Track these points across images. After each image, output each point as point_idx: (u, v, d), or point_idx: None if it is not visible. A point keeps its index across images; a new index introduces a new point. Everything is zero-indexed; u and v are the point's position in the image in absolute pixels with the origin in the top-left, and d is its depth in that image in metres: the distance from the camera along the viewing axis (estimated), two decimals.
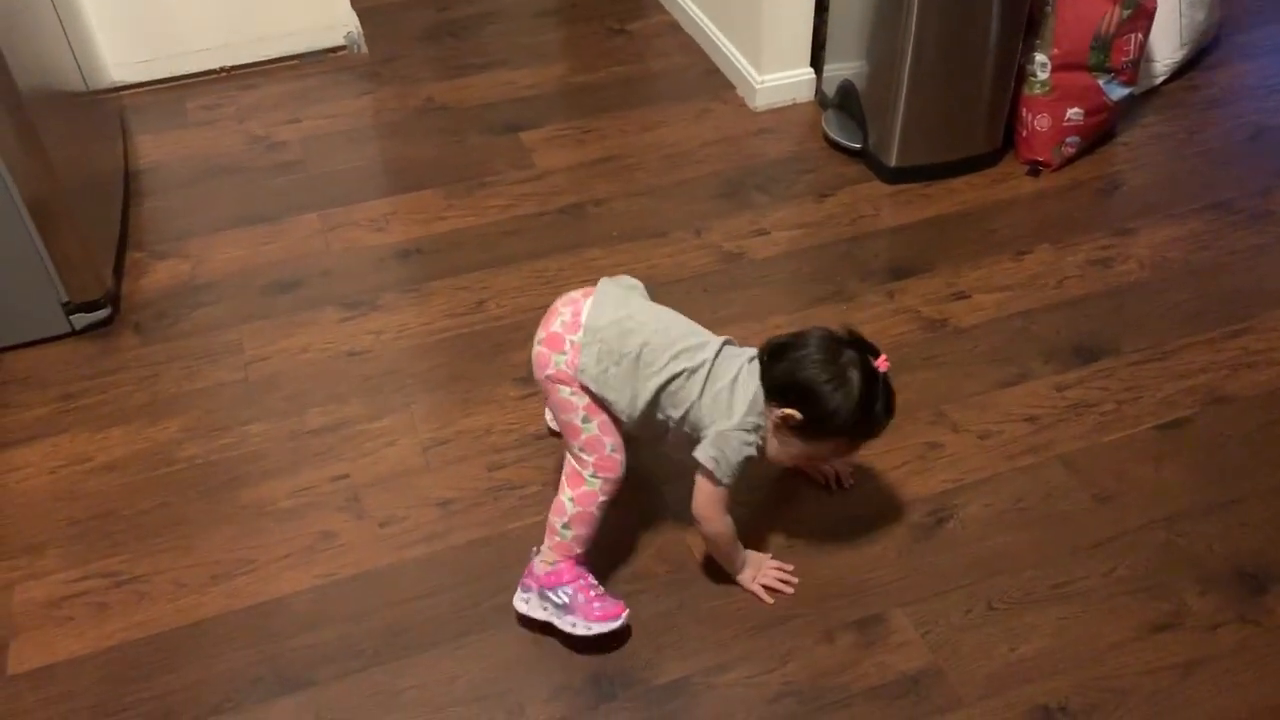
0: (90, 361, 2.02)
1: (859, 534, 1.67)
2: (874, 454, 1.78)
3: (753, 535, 1.65)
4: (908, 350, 1.98)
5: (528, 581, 1.54)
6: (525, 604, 1.53)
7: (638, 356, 1.48)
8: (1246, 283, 2.11)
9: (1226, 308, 2.05)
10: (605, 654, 1.52)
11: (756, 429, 1.48)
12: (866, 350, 1.46)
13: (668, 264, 2.20)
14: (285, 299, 2.14)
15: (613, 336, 1.49)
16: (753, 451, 1.48)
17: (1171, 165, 2.43)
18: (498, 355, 2.00)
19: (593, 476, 1.50)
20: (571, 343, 1.49)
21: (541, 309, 2.07)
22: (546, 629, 1.53)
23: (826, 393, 1.43)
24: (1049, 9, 2.28)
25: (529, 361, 1.56)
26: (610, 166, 2.48)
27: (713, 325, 2.02)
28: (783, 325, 2.04)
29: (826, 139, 2.54)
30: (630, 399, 1.48)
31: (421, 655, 1.53)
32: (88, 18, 2.62)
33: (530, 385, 1.91)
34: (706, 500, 1.51)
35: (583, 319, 1.50)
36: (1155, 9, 2.31)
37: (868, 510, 1.70)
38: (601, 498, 1.51)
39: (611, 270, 2.17)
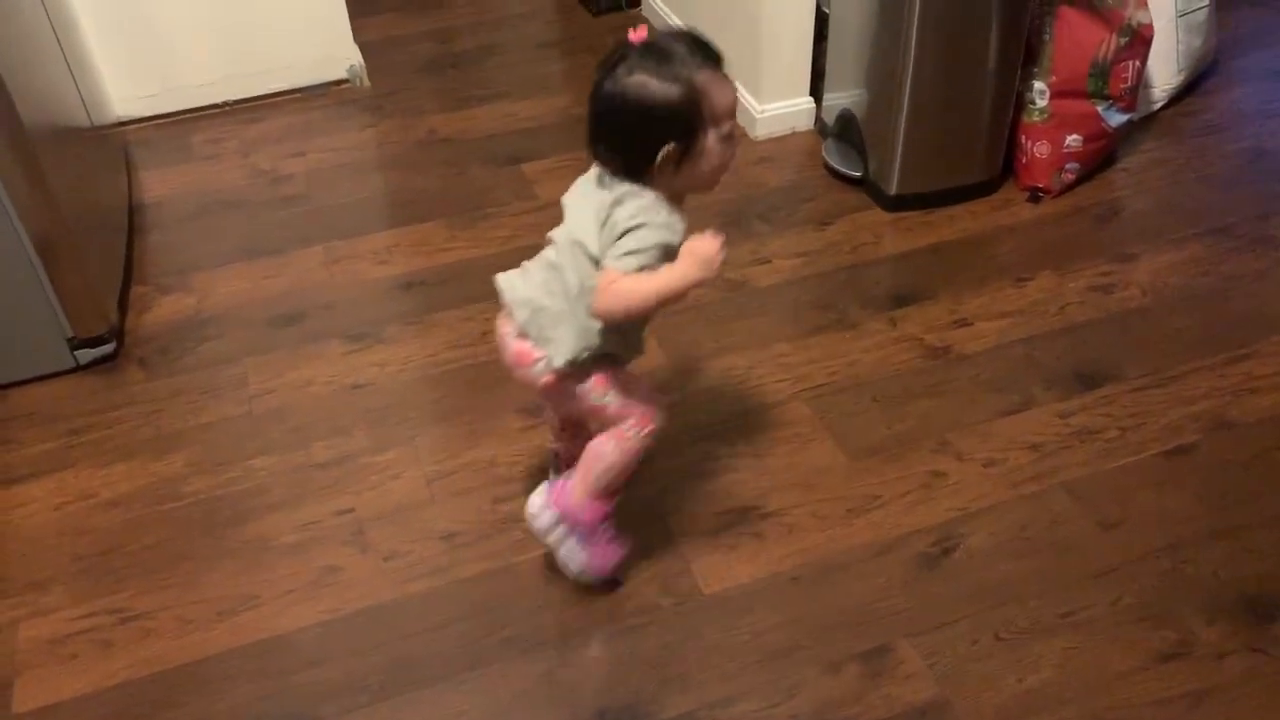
0: (95, 396, 2.03)
1: (864, 564, 1.67)
2: (879, 483, 1.78)
3: (758, 565, 1.65)
4: (911, 379, 1.98)
5: (555, 501, 1.52)
6: (538, 519, 1.54)
7: (565, 303, 1.40)
8: (1248, 308, 2.11)
9: (1229, 333, 2.05)
10: (612, 688, 1.51)
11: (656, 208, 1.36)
12: (616, 56, 1.36)
13: None
14: (289, 332, 2.15)
15: (541, 312, 1.42)
16: (669, 234, 1.36)
17: (1171, 191, 2.44)
18: (501, 387, 2.00)
19: (638, 434, 1.48)
20: (529, 349, 1.44)
21: None
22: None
23: (654, 102, 1.31)
24: (1047, 37, 2.30)
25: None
26: None
27: (716, 354, 2.06)
28: (786, 353, 2.05)
29: (826, 167, 2.55)
30: (599, 333, 1.41)
31: (427, 690, 1.52)
32: (92, 53, 2.65)
33: (534, 416, 1.92)
34: (606, 295, 1.34)
35: (515, 323, 1.45)
36: (1152, 36, 2.32)
37: (872, 540, 1.70)
38: (645, 447, 1.49)
39: None
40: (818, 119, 2.70)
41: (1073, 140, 2.37)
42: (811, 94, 2.69)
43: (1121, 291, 2.17)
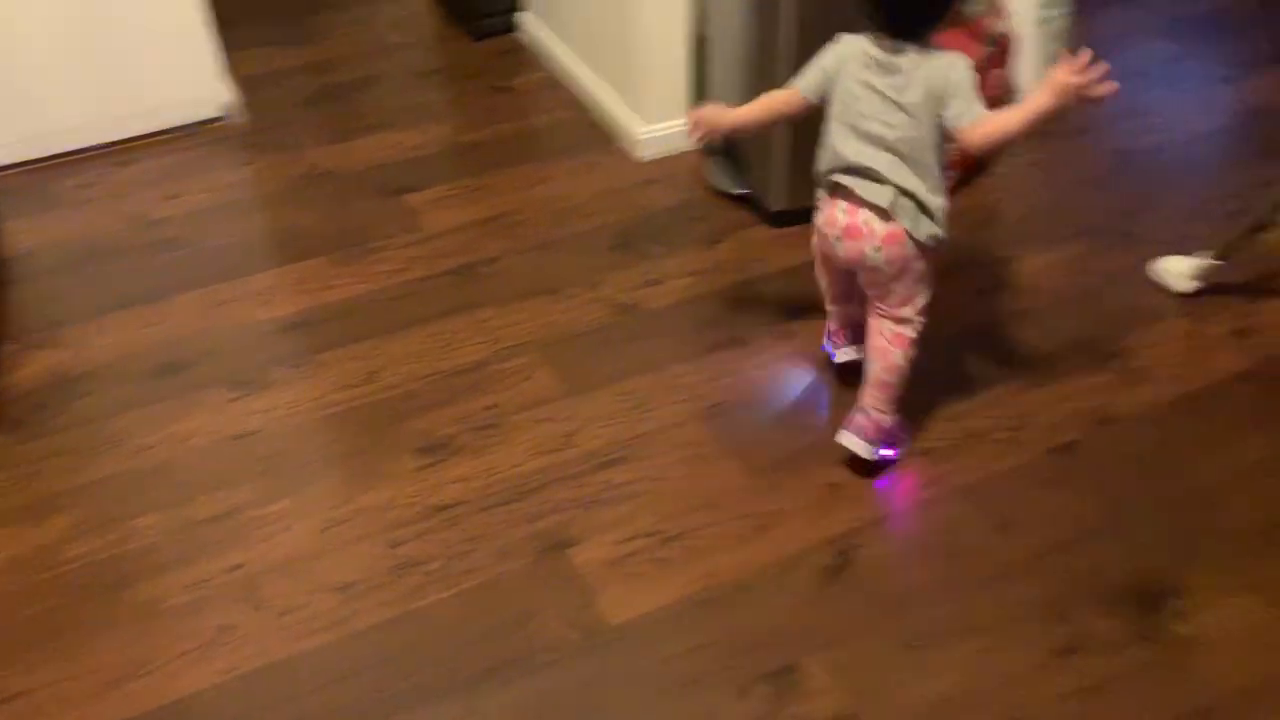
0: None
1: (769, 583, 1.67)
2: (780, 498, 1.79)
3: (664, 592, 1.64)
4: (807, 392, 2.00)
5: (867, 431, 1.79)
6: (859, 447, 1.79)
7: (930, 179, 1.64)
8: (1121, 303, 2.19)
9: (1104, 329, 2.12)
10: None
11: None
12: None
13: (563, 320, 2.19)
14: (170, 383, 2.08)
15: (908, 194, 1.64)
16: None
17: (1045, 194, 2.52)
18: (394, 426, 1.96)
19: (920, 320, 1.75)
20: (895, 228, 1.65)
21: (436, 375, 2.06)
22: None
23: None
24: None
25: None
26: (500, 224, 2.47)
27: (613, 380, 2.05)
28: (682, 374, 2.05)
29: (712, 186, 2.57)
30: (937, 176, 1.66)
31: None
32: None
33: (431, 455, 1.88)
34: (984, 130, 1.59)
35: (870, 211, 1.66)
36: (1014, 45, 2.40)
37: (776, 557, 1.71)
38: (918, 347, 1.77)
39: (506, 329, 2.17)
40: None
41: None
42: None
43: (1002, 294, 2.22)
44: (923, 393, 1.98)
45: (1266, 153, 2.58)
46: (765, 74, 2.30)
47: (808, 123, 2.31)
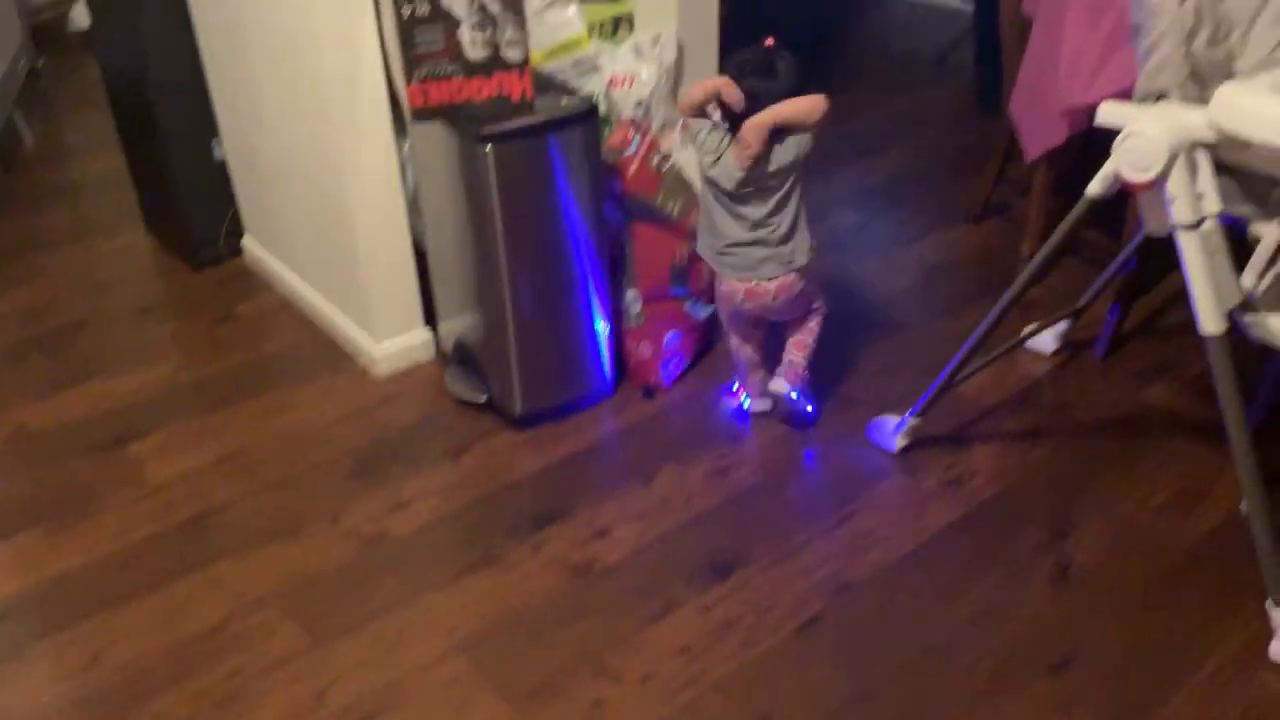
0: None
1: None
2: None
3: None
4: (561, 603, 2.00)
5: (790, 377, 2.38)
6: (785, 388, 2.38)
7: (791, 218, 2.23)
8: (844, 467, 2.33)
9: (833, 494, 2.25)
10: None
11: None
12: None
13: (306, 562, 2.11)
14: None
15: (778, 246, 2.22)
16: None
17: None
18: (129, 713, 1.80)
19: (822, 302, 2.36)
20: (786, 279, 2.24)
21: (168, 647, 1.93)
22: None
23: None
24: (629, 251, 2.49)
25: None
26: (232, 465, 2.38)
27: (360, 623, 1.98)
28: (435, 605, 2.01)
29: (453, 396, 2.58)
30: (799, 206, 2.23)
31: None
32: None
33: None
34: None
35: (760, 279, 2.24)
36: None
37: None
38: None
39: (244, 582, 2.06)
40: (437, 348, 2.74)
41: (671, 336, 2.56)
42: (428, 323, 2.74)
43: (736, 473, 2.33)
44: (677, 587, 2.03)
45: (948, 309, 2.86)
46: (487, 281, 2.37)
47: (534, 328, 2.40)
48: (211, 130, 3.01)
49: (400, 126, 2.48)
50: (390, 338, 2.69)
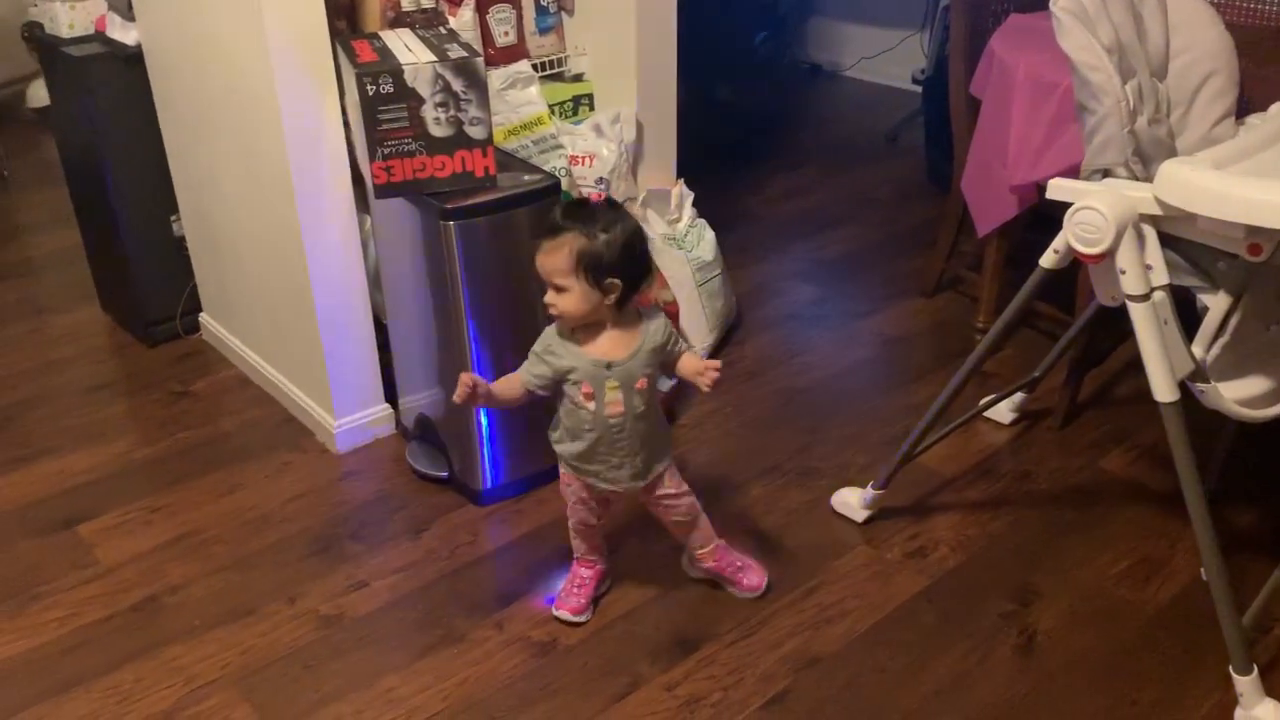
0: None
1: None
2: None
3: None
4: (524, 684, 1.96)
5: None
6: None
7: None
8: (809, 539, 2.33)
9: (796, 567, 2.24)
10: None
11: None
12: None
13: (261, 645, 2.06)
14: None
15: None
16: None
17: (724, 440, 2.68)
18: None
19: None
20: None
21: None
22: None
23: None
24: None
25: None
26: (185, 545, 2.33)
27: (317, 707, 1.93)
28: (394, 686, 1.96)
29: (414, 471, 2.55)
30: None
31: None
32: None
33: None
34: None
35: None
36: (677, 311, 2.61)
37: None
38: None
39: (197, 666, 2.00)
40: (398, 423, 2.72)
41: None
42: (388, 399, 2.72)
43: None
44: (641, 664, 2.00)
45: (904, 379, 2.89)
46: (449, 354, 2.36)
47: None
48: (170, 207, 3.01)
49: (362, 203, 2.49)
50: (350, 414, 2.66)
